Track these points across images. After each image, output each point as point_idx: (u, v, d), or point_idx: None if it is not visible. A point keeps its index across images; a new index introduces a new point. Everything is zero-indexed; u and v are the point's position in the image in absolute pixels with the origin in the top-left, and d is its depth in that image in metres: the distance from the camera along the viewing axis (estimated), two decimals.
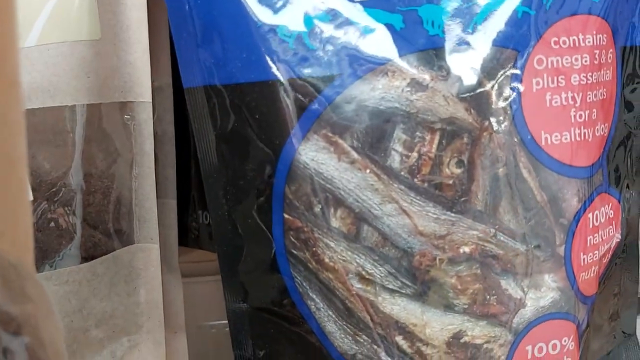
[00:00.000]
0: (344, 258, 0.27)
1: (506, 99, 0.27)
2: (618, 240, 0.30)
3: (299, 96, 0.26)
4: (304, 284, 0.27)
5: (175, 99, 0.34)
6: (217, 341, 0.46)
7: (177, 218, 0.36)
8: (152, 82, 0.31)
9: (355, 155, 0.26)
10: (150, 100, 0.30)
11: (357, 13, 0.26)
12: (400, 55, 0.26)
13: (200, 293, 0.44)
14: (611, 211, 0.29)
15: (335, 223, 0.27)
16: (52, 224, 0.29)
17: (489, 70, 0.26)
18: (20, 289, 0.16)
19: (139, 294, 0.31)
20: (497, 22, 0.27)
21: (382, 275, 0.27)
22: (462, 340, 0.27)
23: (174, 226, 0.36)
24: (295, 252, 0.27)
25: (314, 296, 0.27)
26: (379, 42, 0.26)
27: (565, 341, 0.28)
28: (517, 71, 0.27)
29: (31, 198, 0.26)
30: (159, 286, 0.32)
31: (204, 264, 0.44)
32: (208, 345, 0.46)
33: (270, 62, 0.26)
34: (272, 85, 0.26)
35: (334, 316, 0.27)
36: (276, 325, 0.28)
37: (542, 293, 0.28)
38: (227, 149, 0.27)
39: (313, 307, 0.28)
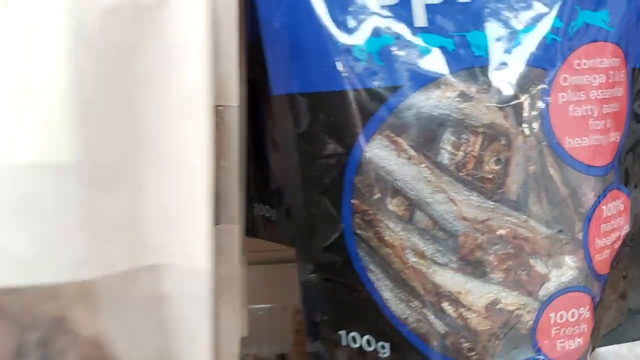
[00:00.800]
0: (401, 237, 0.32)
1: (536, 109, 0.32)
2: (627, 230, 0.36)
3: (368, 103, 0.32)
4: (366, 258, 0.33)
5: None
6: (259, 324, 0.52)
7: None
8: None
9: (412, 152, 0.32)
10: (238, 105, 0.35)
11: (417, 37, 0.32)
12: (451, 72, 0.32)
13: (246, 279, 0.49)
14: (622, 205, 0.35)
15: (392, 208, 0.32)
16: None
17: (522, 86, 0.32)
18: None
19: (220, 268, 0.37)
20: (530, 47, 0.32)
21: (432, 252, 0.32)
22: (497, 307, 0.32)
23: (242, 214, 0.41)
24: (359, 231, 0.33)
25: (374, 268, 0.33)
26: (434, 61, 0.32)
27: (582, 310, 0.33)
28: (546, 86, 0.32)
29: None
30: (237, 263, 0.37)
31: (251, 254, 0.49)
32: (252, 326, 0.52)
33: (345, 75, 0.32)
34: (346, 95, 0.32)
35: (390, 285, 0.33)
36: (341, 293, 0.34)
37: (563, 271, 0.33)
38: (305, 147, 0.33)
39: (373, 277, 0.33)
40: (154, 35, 0.18)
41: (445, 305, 0.32)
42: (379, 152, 0.32)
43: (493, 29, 0.32)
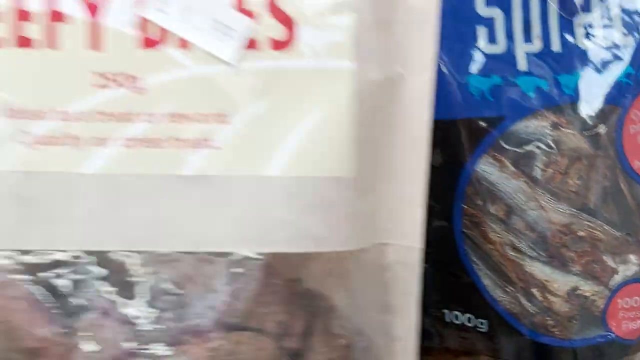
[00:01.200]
0: (500, 236, 0.41)
1: (611, 137, 0.40)
2: None
3: (479, 130, 0.40)
4: (471, 252, 0.41)
5: None
6: None
7: None
8: None
9: (512, 168, 0.40)
10: None
11: (519, 78, 0.40)
12: (545, 107, 0.40)
13: None
14: None
15: (494, 212, 0.41)
16: None
17: (601, 118, 0.40)
18: None
19: None
20: (608, 88, 0.41)
21: (526, 248, 0.41)
22: (576, 292, 0.41)
23: None
24: (466, 230, 0.41)
25: (477, 260, 0.41)
26: (532, 97, 0.40)
27: None
28: (620, 120, 0.40)
29: None
30: None
31: None
32: None
33: (461, 107, 0.40)
34: (462, 122, 0.40)
35: (490, 274, 0.41)
36: (448, 279, 0.42)
37: (628, 266, 0.41)
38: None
39: (476, 267, 0.41)
40: (396, 97, 0.27)
41: (534, 290, 0.41)
42: (486, 168, 0.40)
43: (580, 73, 0.40)
